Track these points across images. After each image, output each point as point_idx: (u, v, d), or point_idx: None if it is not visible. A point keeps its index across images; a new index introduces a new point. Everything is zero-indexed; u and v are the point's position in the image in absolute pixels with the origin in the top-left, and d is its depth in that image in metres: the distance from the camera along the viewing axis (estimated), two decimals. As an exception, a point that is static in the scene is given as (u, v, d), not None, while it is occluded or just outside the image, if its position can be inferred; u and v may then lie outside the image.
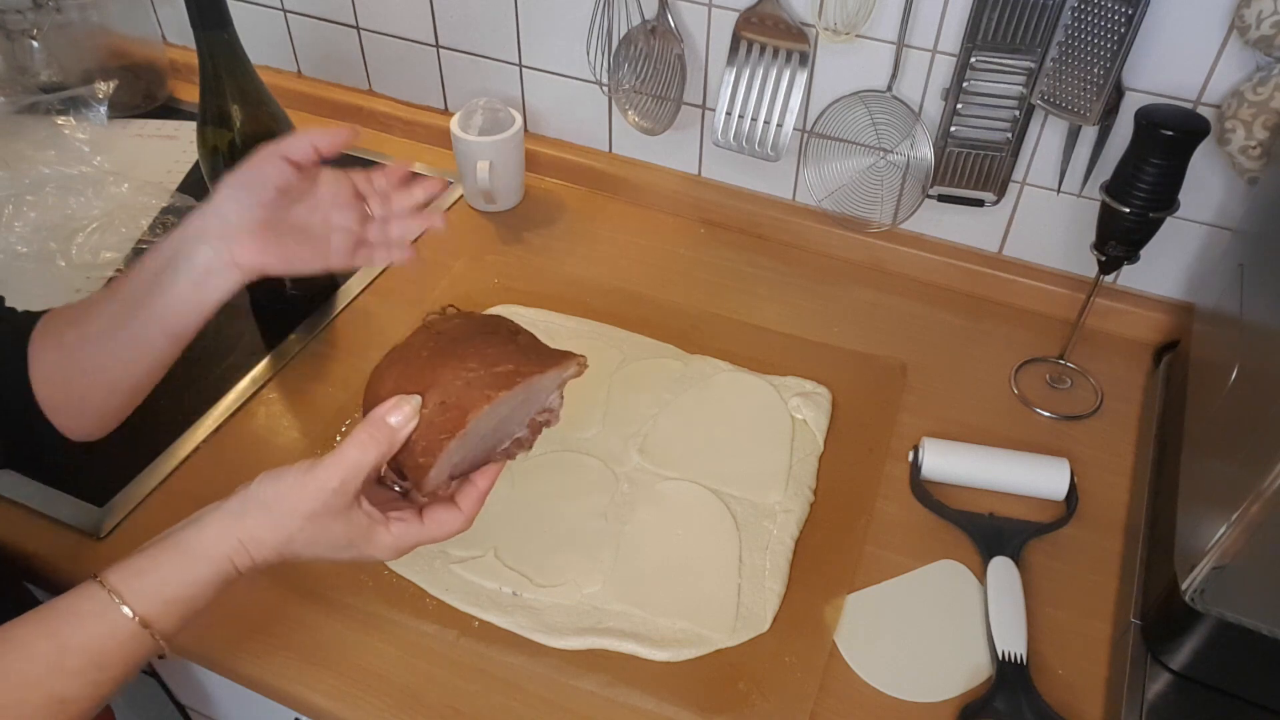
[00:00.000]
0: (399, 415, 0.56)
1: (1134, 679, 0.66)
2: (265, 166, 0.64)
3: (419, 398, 0.57)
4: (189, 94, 1.27)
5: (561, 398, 0.65)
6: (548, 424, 0.65)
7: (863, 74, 0.93)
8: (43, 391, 0.65)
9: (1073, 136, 0.88)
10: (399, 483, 0.62)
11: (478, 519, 0.60)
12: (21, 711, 0.51)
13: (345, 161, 1.16)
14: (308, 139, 0.64)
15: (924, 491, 0.81)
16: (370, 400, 0.59)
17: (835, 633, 0.71)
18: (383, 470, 0.63)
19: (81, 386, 0.66)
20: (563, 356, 0.62)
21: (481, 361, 0.58)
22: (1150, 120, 0.73)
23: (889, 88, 0.92)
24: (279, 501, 0.56)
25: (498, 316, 0.64)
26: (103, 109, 1.14)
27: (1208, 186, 0.86)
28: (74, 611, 0.54)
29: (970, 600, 0.73)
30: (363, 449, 0.56)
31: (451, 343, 0.60)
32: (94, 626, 0.53)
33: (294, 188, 0.65)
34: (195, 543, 0.55)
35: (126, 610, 0.53)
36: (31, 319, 0.67)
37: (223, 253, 0.63)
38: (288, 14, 1.19)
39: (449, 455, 0.57)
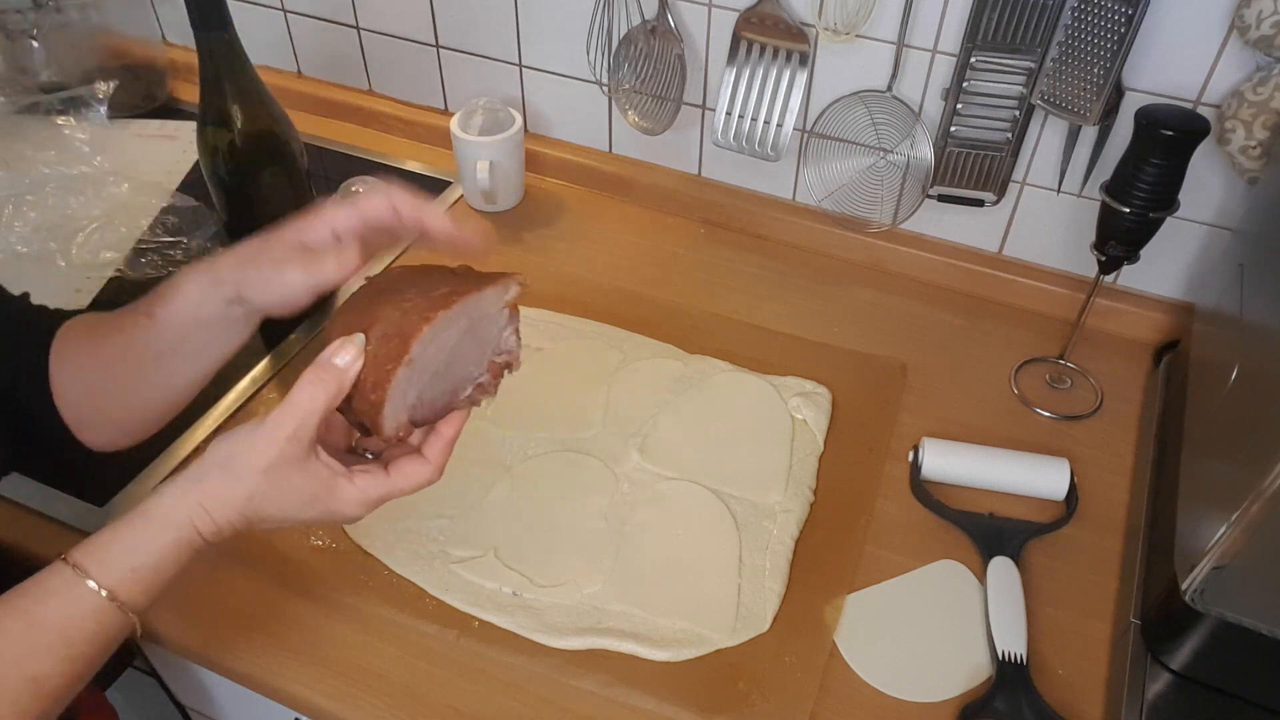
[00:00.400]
0: (344, 355, 0.55)
1: (1134, 679, 0.66)
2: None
3: (362, 336, 0.56)
4: (189, 94, 1.27)
5: (518, 337, 0.63)
6: (509, 367, 0.63)
7: (863, 74, 0.93)
8: (63, 402, 0.65)
9: (1073, 136, 0.88)
10: (369, 448, 0.62)
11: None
12: None
13: (345, 162, 1.17)
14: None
15: (924, 491, 0.81)
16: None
17: (835, 633, 0.71)
18: (355, 442, 0.62)
19: (105, 404, 0.66)
20: (501, 276, 0.60)
21: (419, 292, 0.57)
22: (1150, 120, 0.73)
23: (889, 88, 0.92)
24: (233, 460, 0.55)
25: (439, 264, 0.63)
26: (103, 109, 1.14)
27: (1208, 186, 0.86)
28: (42, 590, 0.54)
29: (970, 600, 0.73)
30: (311, 392, 0.54)
31: (391, 283, 0.59)
32: (61, 603, 0.53)
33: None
34: (154, 510, 0.55)
35: (91, 584, 0.53)
36: (51, 323, 0.67)
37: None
38: (288, 14, 1.19)
39: (399, 388, 0.55)
